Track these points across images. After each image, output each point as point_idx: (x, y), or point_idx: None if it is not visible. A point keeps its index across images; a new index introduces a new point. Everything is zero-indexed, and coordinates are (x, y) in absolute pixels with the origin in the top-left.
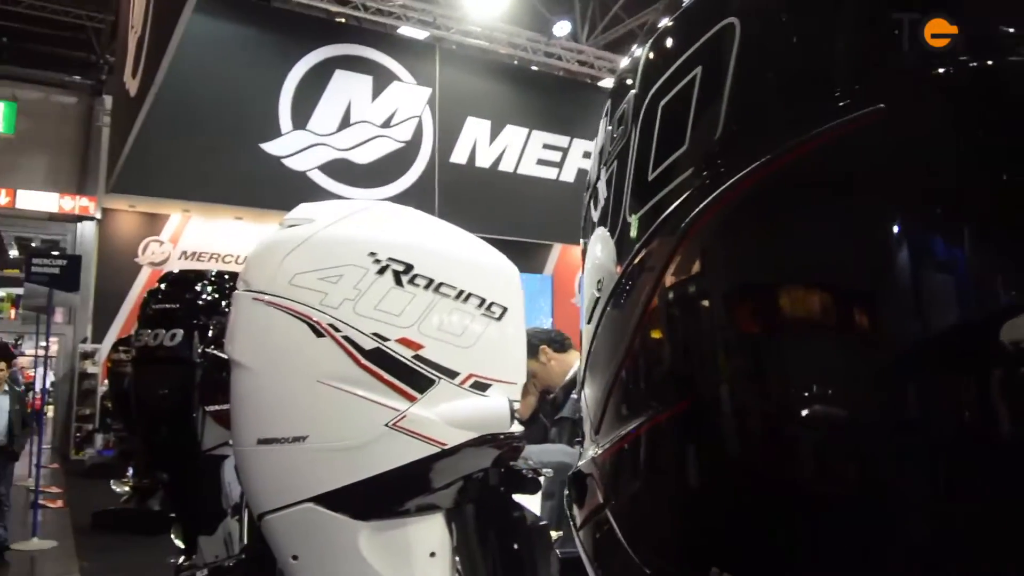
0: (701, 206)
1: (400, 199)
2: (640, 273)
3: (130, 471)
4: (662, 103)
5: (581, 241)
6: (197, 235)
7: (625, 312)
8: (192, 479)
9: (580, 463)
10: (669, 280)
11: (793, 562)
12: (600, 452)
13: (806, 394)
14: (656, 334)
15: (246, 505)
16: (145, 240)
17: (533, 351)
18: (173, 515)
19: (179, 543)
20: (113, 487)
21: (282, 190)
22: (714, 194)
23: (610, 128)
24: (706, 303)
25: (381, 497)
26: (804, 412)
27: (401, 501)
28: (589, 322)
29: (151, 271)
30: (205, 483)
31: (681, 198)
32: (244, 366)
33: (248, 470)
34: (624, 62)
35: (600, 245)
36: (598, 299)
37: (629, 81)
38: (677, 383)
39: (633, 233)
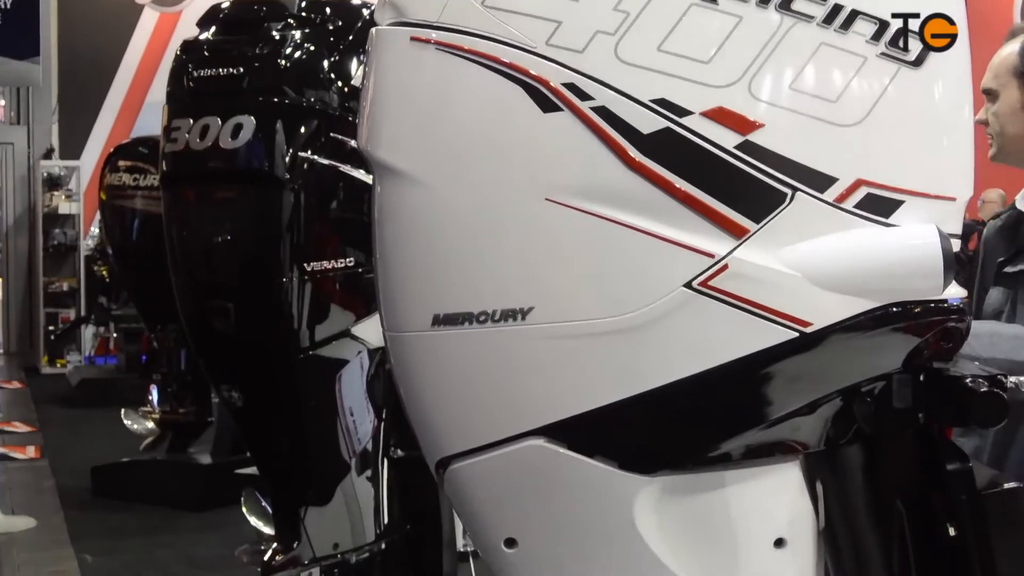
0: None
1: None
2: None
3: (154, 392)
4: None
5: None
6: None
7: None
8: (285, 402)
9: None
10: None
11: None
12: None
13: None
14: None
15: (392, 448)
16: None
17: None
18: (246, 471)
19: (259, 524)
20: (126, 422)
21: None
22: None
23: None
24: None
25: (676, 429)
26: None
27: (716, 438)
28: None
29: (159, 15)
30: (309, 410)
31: None
32: (401, 174)
33: (415, 376)
34: None
35: None
36: None
37: None
38: None
39: None
